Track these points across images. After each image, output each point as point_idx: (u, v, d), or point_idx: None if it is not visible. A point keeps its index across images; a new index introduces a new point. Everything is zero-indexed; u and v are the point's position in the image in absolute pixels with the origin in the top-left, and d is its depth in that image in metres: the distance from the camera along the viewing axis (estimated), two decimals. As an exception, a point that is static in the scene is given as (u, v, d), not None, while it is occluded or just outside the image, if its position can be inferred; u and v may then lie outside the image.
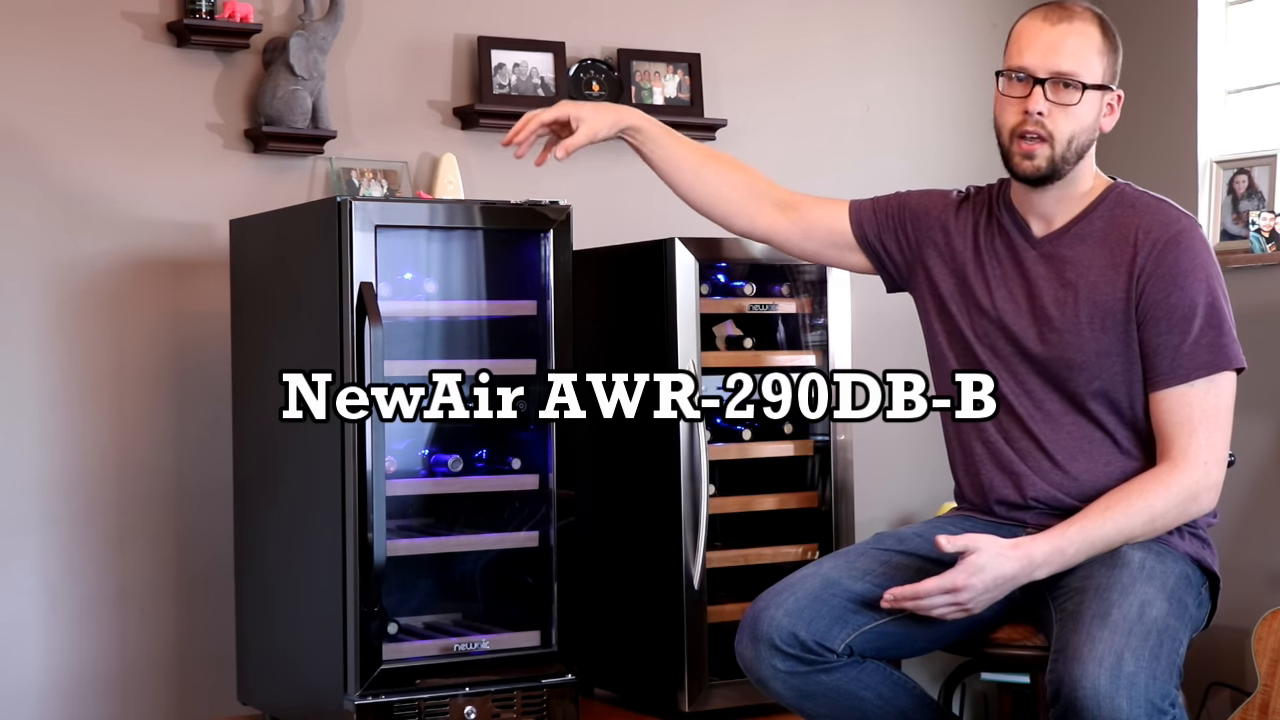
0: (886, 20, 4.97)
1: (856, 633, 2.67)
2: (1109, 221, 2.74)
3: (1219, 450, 2.68)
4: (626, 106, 3.12)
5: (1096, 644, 2.43)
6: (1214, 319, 2.67)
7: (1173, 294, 2.67)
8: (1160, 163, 4.82)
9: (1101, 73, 2.72)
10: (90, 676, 3.89)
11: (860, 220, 2.99)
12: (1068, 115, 2.70)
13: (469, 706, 3.45)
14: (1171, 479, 2.66)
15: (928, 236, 2.91)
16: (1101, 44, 2.73)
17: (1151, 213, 2.73)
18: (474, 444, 3.70)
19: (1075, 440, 2.74)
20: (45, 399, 3.87)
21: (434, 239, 3.67)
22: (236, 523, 3.85)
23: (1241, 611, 4.39)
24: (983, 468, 2.81)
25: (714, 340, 3.97)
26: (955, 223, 2.88)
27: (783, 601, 2.67)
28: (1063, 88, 2.69)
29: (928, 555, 2.77)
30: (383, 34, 4.25)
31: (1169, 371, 2.67)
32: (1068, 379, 2.73)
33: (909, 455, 4.84)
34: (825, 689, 2.68)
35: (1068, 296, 2.73)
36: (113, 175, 3.94)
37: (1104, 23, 2.75)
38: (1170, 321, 2.67)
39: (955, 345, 2.85)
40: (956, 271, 2.85)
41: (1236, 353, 2.69)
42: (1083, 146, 2.73)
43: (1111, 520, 2.64)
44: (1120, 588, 2.54)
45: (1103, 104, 2.74)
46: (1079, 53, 2.70)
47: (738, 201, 3.04)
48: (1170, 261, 2.67)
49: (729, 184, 3.04)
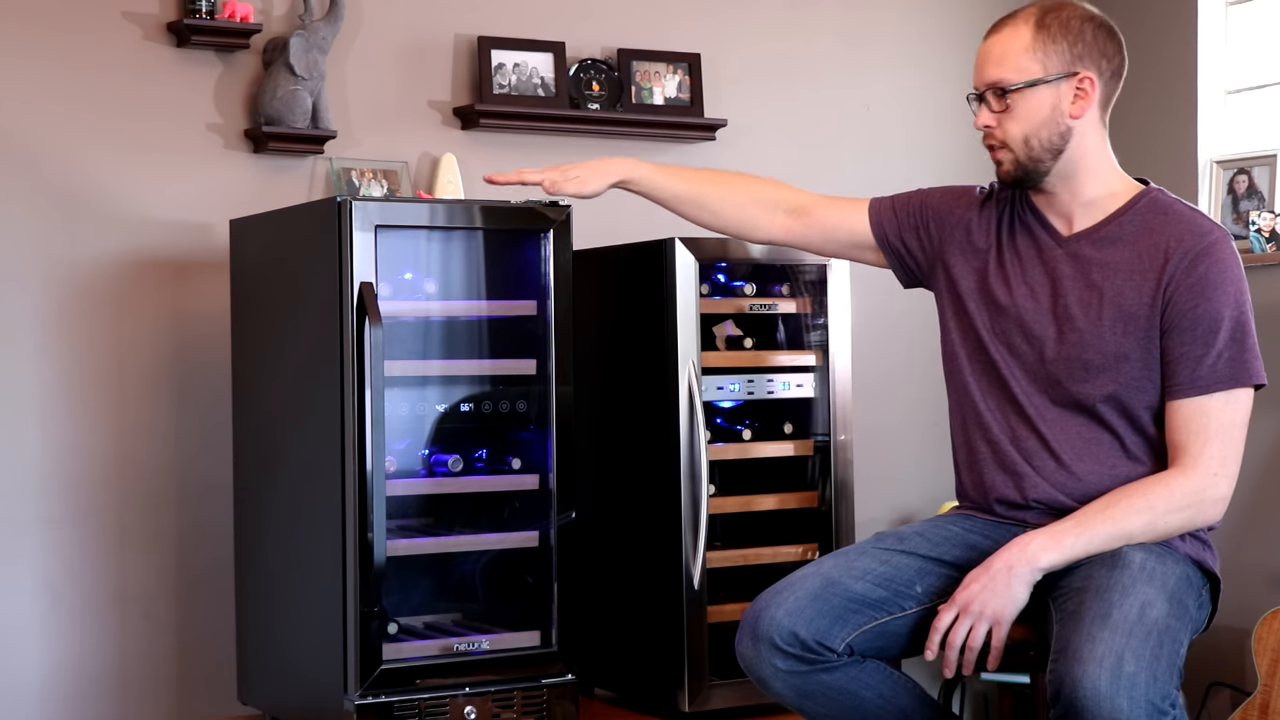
0: (886, 20, 4.97)
1: (857, 632, 2.67)
2: (1140, 227, 2.73)
3: (1230, 464, 2.67)
4: (617, 160, 3.17)
5: (1097, 644, 2.43)
6: (1238, 334, 2.66)
7: (1200, 305, 2.66)
8: (1160, 163, 4.81)
9: (1039, 68, 2.72)
10: (90, 677, 3.90)
11: (881, 221, 3.00)
12: (1012, 119, 2.73)
13: (469, 706, 3.45)
14: (1176, 483, 2.65)
15: (950, 234, 2.91)
16: (1031, 40, 2.72)
17: (1185, 222, 2.71)
18: (474, 444, 3.70)
19: (1083, 441, 2.73)
20: (45, 399, 3.87)
21: (434, 239, 3.67)
22: (236, 523, 3.85)
23: (1241, 611, 4.39)
24: (985, 467, 2.81)
25: (714, 340, 3.97)
26: (978, 220, 2.88)
27: (783, 601, 2.67)
28: (997, 96, 2.74)
29: (928, 555, 2.77)
30: (383, 34, 4.25)
31: (1189, 382, 2.66)
32: (1082, 379, 2.73)
33: (909, 455, 4.84)
34: (826, 688, 2.68)
35: (1092, 297, 2.72)
36: (113, 175, 3.94)
37: (1041, 18, 2.73)
38: (1195, 333, 2.66)
39: (968, 343, 2.84)
40: (978, 269, 2.85)
41: (1258, 369, 2.68)
42: (1046, 142, 2.73)
43: (1111, 518, 2.63)
44: (1121, 588, 2.53)
45: (1057, 95, 2.73)
46: (1004, 57, 2.74)
47: (748, 218, 3.10)
48: (1201, 273, 2.66)
49: (734, 204, 3.11)
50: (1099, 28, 2.75)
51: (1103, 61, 2.74)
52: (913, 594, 2.72)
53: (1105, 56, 2.75)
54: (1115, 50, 2.77)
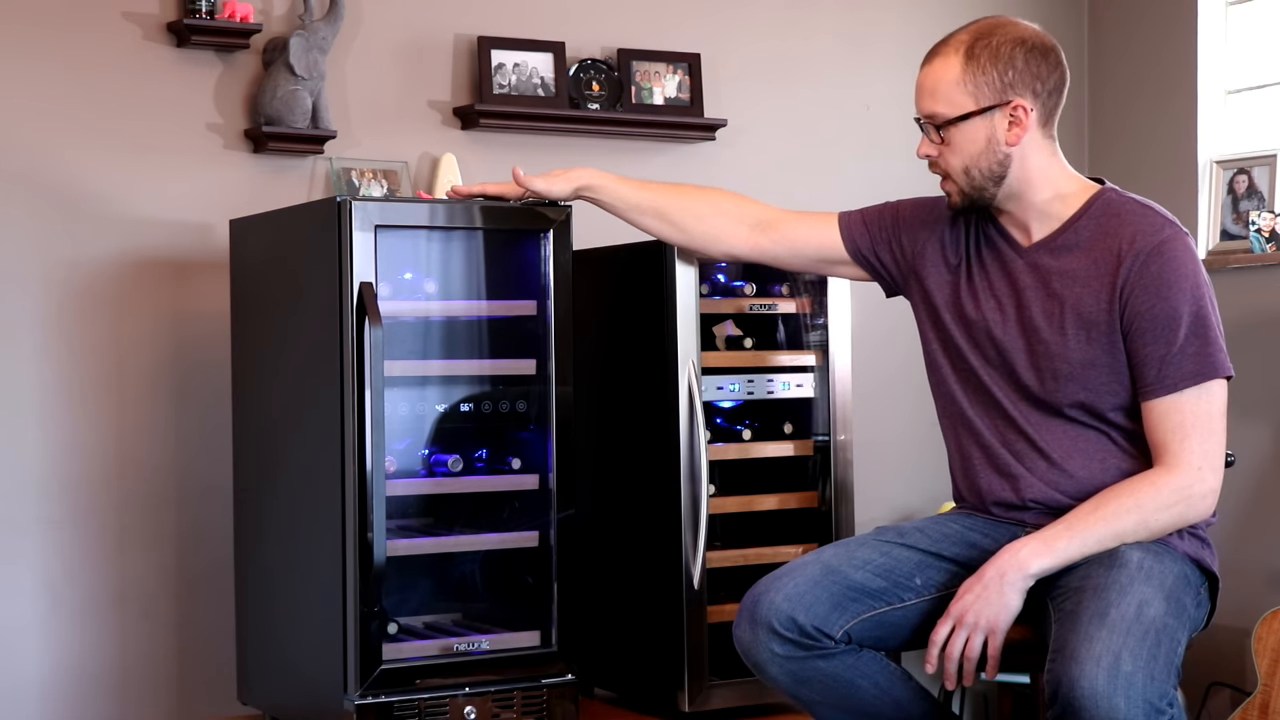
0: (886, 20, 4.97)
1: (855, 620, 2.68)
2: (1095, 231, 2.73)
3: (1213, 456, 2.67)
4: (582, 168, 3.25)
5: (1094, 644, 2.44)
6: (1199, 328, 2.66)
7: (1157, 304, 2.65)
8: (1160, 163, 4.82)
9: (970, 101, 2.71)
10: (90, 677, 3.90)
11: (852, 234, 3.01)
12: (951, 151, 2.76)
13: (469, 706, 3.45)
14: (1162, 480, 2.66)
15: (922, 248, 2.91)
16: (960, 73, 2.72)
17: (1136, 221, 2.71)
18: (474, 444, 3.70)
19: (1070, 440, 2.74)
20: (45, 399, 3.87)
21: (434, 239, 3.67)
22: (236, 523, 3.85)
23: (1241, 611, 4.39)
24: (980, 471, 2.82)
25: (714, 340, 3.97)
26: (949, 232, 2.89)
27: (782, 586, 2.69)
28: (935, 129, 2.76)
29: (927, 549, 2.79)
30: (383, 34, 4.25)
31: (1156, 381, 2.66)
32: (1054, 389, 2.74)
33: (909, 455, 4.84)
34: (822, 675, 2.69)
35: (1054, 307, 2.73)
36: (113, 175, 3.94)
37: (971, 47, 2.72)
38: (1155, 332, 2.66)
39: (949, 352, 2.86)
40: (950, 282, 2.86)
41: (1223, 361, 2.68)
42: (987, 171, 2.73)
43: (1101, 519, 2.64)
44: (1118, 587, 2.54)
45: (991, 126, 2.72)
46: (934, 90, 2.76)
47: (711, 231, 3.14)
48: (1154, 272, 2.66)
49: (696, 215, 3.13)
50: (1030, 51, 2.72)
51: (1036, 84, 2.71)
52: (912, 586, 2.74)
53: (1039, 79, 2.72)
54: (1051, 68, 2.73)
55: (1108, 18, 5.03)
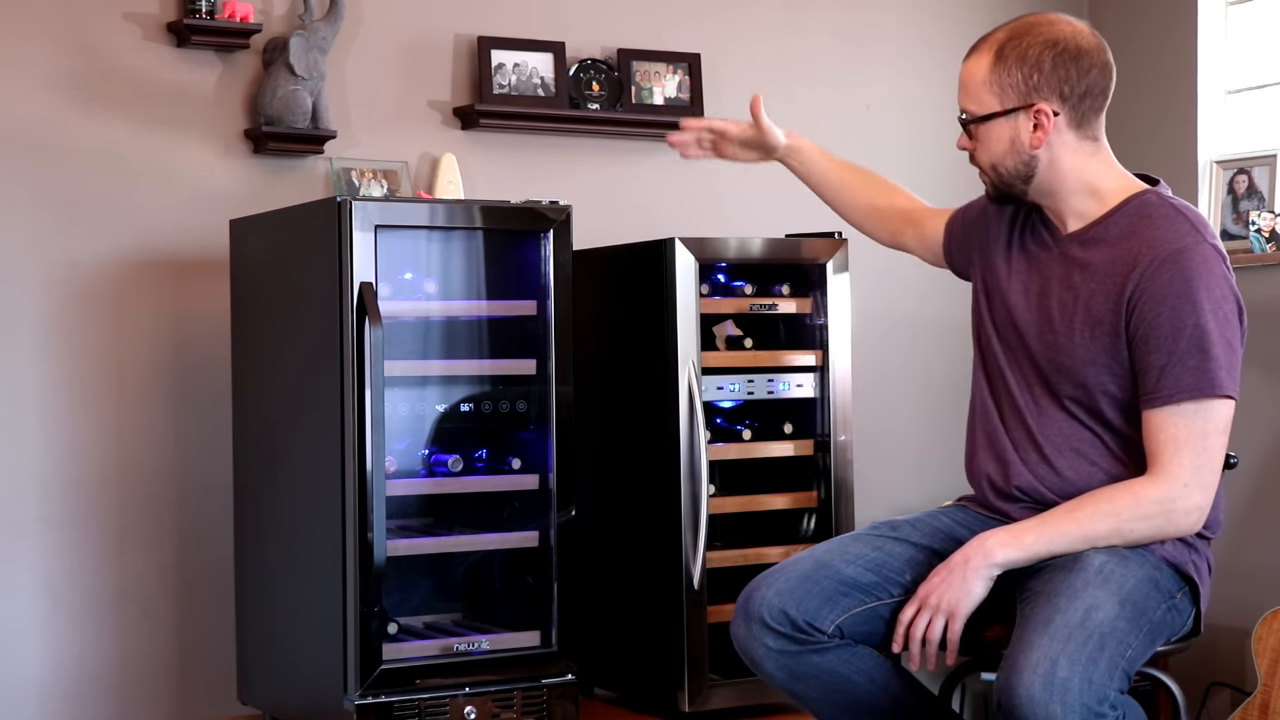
0: (886, 20, 4.97)
1: (846, 615, 2.70)
2: (1123, 230, 2.71)
3: (1204, 474, 2.63)
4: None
5: (1032, 651, 2.46)
6: (1201, 342, 2.61)
7: (1163, 313, 2.63)
8: (1160, 163, 4.81)
9: (995, 101, 2.71)
10: (90, 677, 3.90)
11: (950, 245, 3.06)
12: (981, 147, 2.77)
13: (469, 706, 3.45)
14: (1144, 491, 2.64)
15: (977, 232, 2.94)
16: (988, 74, 2.72)
17: (1162, 227, 2.67)
18: (474, 444, 3.71)
19: (1065, 437, 2.74)
20: (45, 400, 3.87)
21: (434, 239, 3.67)
22: (236, 523, 3.85)
23: (1241, 611, 4.39)
24: (981, 451, 2.85)
25: (714, 340, 3.97)
26: (997, 217, 2.90)
27: (774, 581, 2.72)
28: (967, 125, 2.77)
29: (919, 542, 2.80)
30: (383, 34, 4.25)
31: (1155, 391, 2.64)
32: (1058, 380, 2.74)
33: (909, 455, 4.84)
34: (816, 670, 2.70)
35: (1070, 300, 2.73)
36: (112, 175, 3.94)
37: (1001, 47, 2.72)
38: (1157, 340, 2.63)
39: (983, 335, 2.88)
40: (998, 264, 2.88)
41: (1224, 380, 2.62)
42: (1013, 169, 2.73)
43: (1075, 520, 2.64)
44: (1070, 592, 2.54)
45: (1014, 127, 2.72)
46: (968, 88, 2.76)
47: (864, 223, 3.19)
48: (1164, 280, 2.63)
49: (853, 205, 3.19)
50: (1060, 54, 2.69)
51: (1064, 88, 2.69)
52: (902, 581, 2.75)
53: (1066, 82, 2.69)
54: (1082, 72, 2.69)
55: (1108, 18, 5.03)
